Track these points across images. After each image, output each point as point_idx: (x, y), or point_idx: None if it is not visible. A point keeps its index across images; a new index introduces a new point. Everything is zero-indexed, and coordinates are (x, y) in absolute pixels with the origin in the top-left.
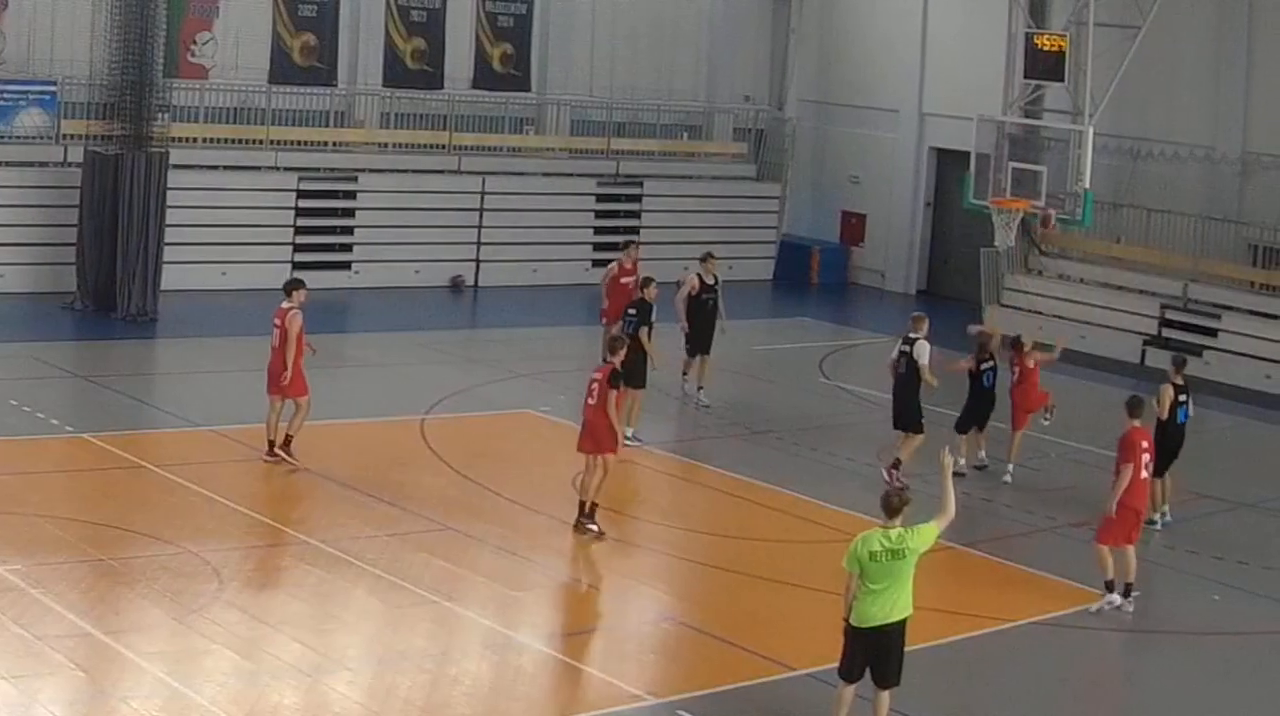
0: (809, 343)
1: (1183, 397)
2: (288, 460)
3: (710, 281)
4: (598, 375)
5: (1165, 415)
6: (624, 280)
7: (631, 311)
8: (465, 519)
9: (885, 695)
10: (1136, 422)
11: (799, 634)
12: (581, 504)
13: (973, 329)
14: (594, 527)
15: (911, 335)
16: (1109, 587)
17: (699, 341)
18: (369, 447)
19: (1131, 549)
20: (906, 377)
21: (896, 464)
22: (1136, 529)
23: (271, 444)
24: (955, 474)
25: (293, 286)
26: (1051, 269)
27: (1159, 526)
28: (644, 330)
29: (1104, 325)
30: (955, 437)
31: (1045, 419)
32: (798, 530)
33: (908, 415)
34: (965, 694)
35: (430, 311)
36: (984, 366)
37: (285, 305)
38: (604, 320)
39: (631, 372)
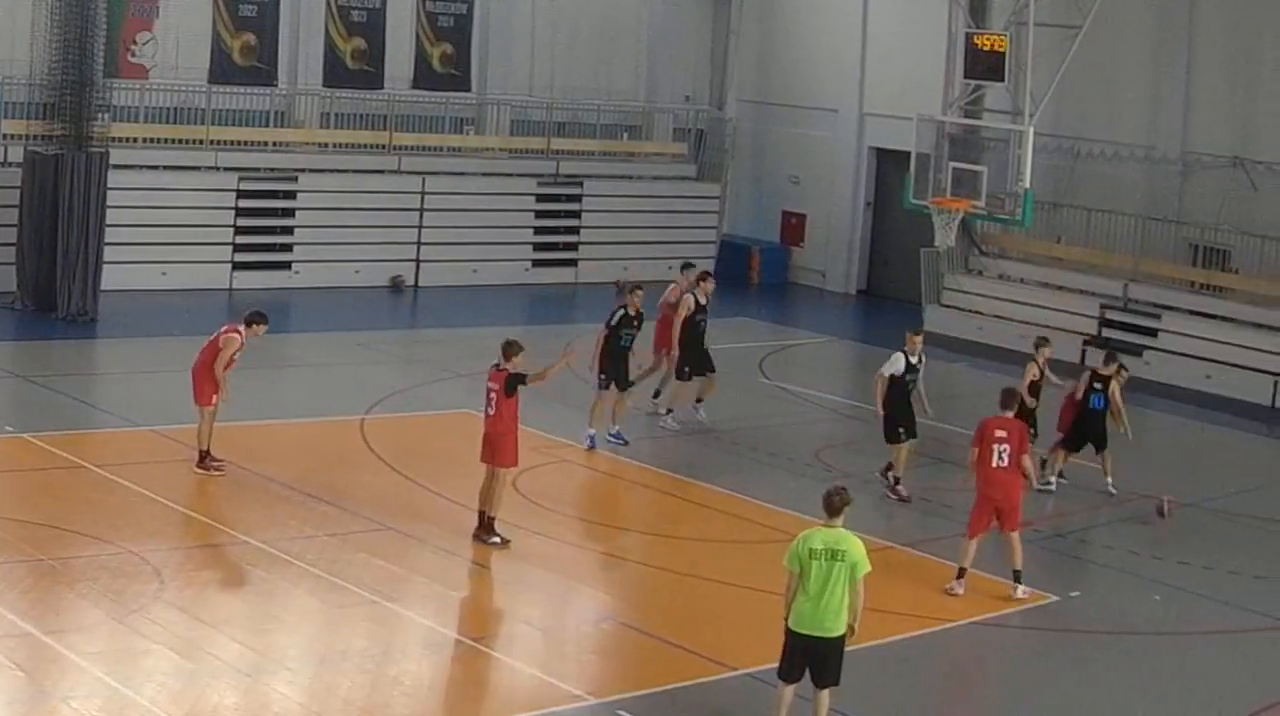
0: (749, 342)
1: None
2: (213, 470)
3: (703, 302)
4: (493, 384)
5: (1050, 394)
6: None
7: (636, 324)
8: (405, 519)
9: (825, 695)
10: (1001, 413)
11: (739, 633)
12: (480, 515)
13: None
14: (496, 540)
15: (913, 359)
16: (1016, 577)
17: (696, 362)
18: (309, 448)
19: (1015, 536)
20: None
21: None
22: (1005, 518)
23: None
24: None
25: (254, 319)
26: (992, 269)
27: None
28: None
29: (1044, 325)
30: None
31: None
32: (737, 530)
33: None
34: (906, 693)
35: (370, 311)
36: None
37: (241, 329)
38: (663, 351)
39: (619, 375)
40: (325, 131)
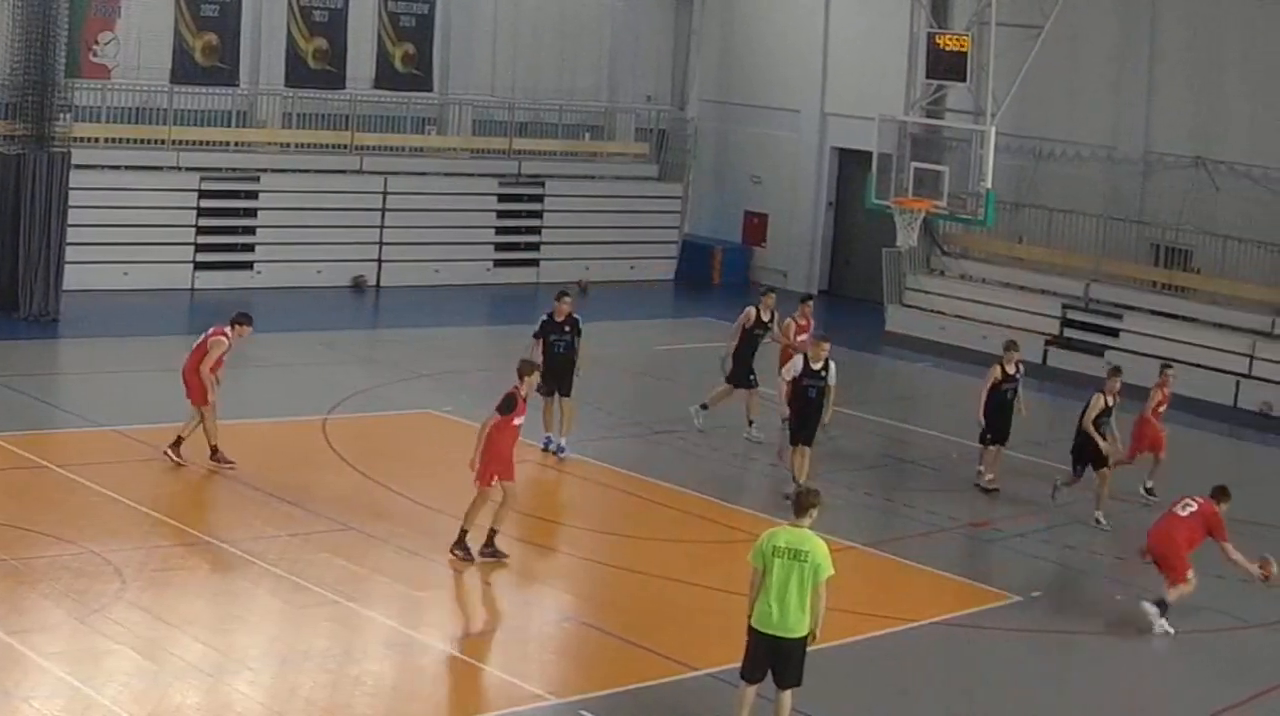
0: (711, 342)
1: (1008, 381)
2: (224, 464)
3: (766, 318)
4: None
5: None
6: (800, 338)
7: (566, 329)
8: (367, 519)
9: (787, 695)
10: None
11: (700, 633)
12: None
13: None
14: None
15: (814, 365)
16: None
17: (742, 376)
18: (271, 448)
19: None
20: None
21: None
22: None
23: (180, 440)
24: None
25: (239, 321)
26: (953, 269)
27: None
28: (578, 342)
29: (1006, 325)
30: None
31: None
32: (699, 530)
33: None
34: (868, 694)
35: (332, 311)
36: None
37: (228, 330)
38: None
39: (563, 382)
40: (287, 131)
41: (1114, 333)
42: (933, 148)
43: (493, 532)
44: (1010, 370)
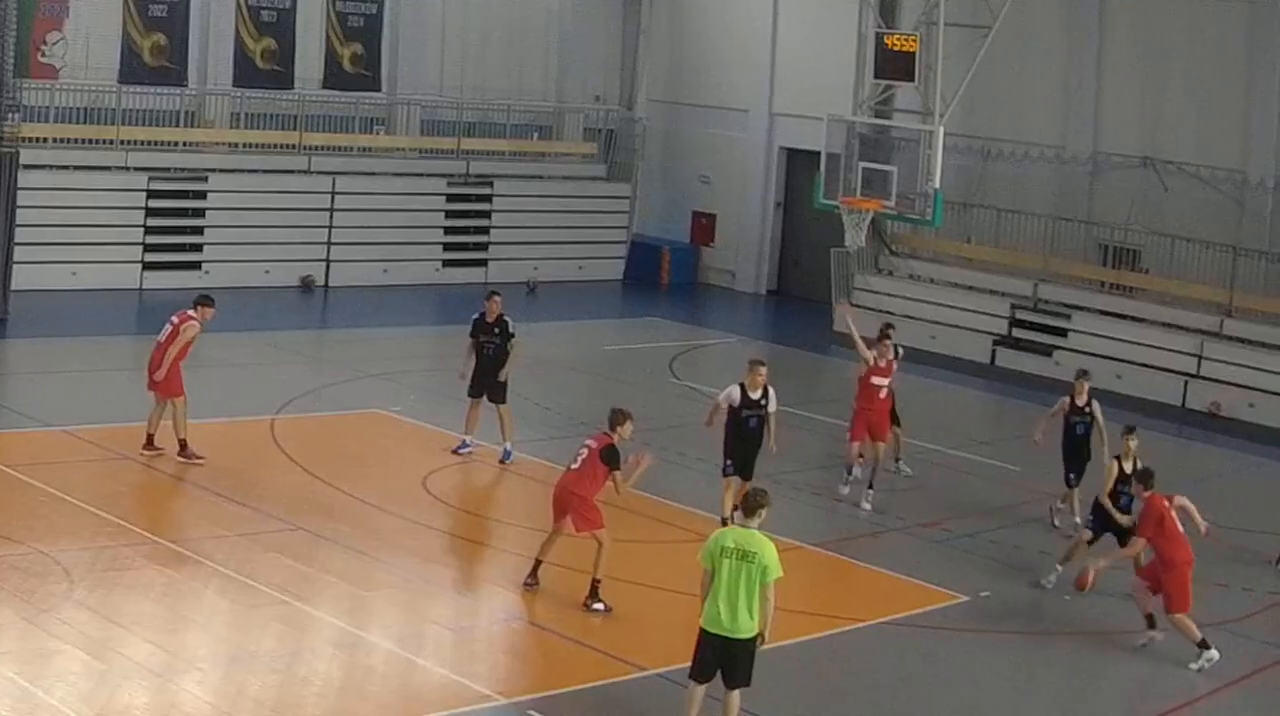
0: (659, 342)
1: (1077, 413)
2: (194, 460)
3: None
4: (592, 444)
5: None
6: (875, 381)
7: (496, 331)
8: (316, 519)
9: (735, 695)
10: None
11: (649, 634)
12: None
13: None
14: (600, 606)
15: (752, 394)
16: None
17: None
18: (220, 447)
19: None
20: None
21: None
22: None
23: (150, 438)
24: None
25: (202, 302)
26: (902, 269)
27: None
28: (510, 342)
29: (954, 325)
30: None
31: None
32: (647, 530)
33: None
34: (816, 694)
35: (281, 311)
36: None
37: (190, 313)
38: (852, 438)
39: (494, 388)
40: (235, 131)
41: (1062, 333)
42: (881, 148)
43: (595, 583)
44: (1080, 402)
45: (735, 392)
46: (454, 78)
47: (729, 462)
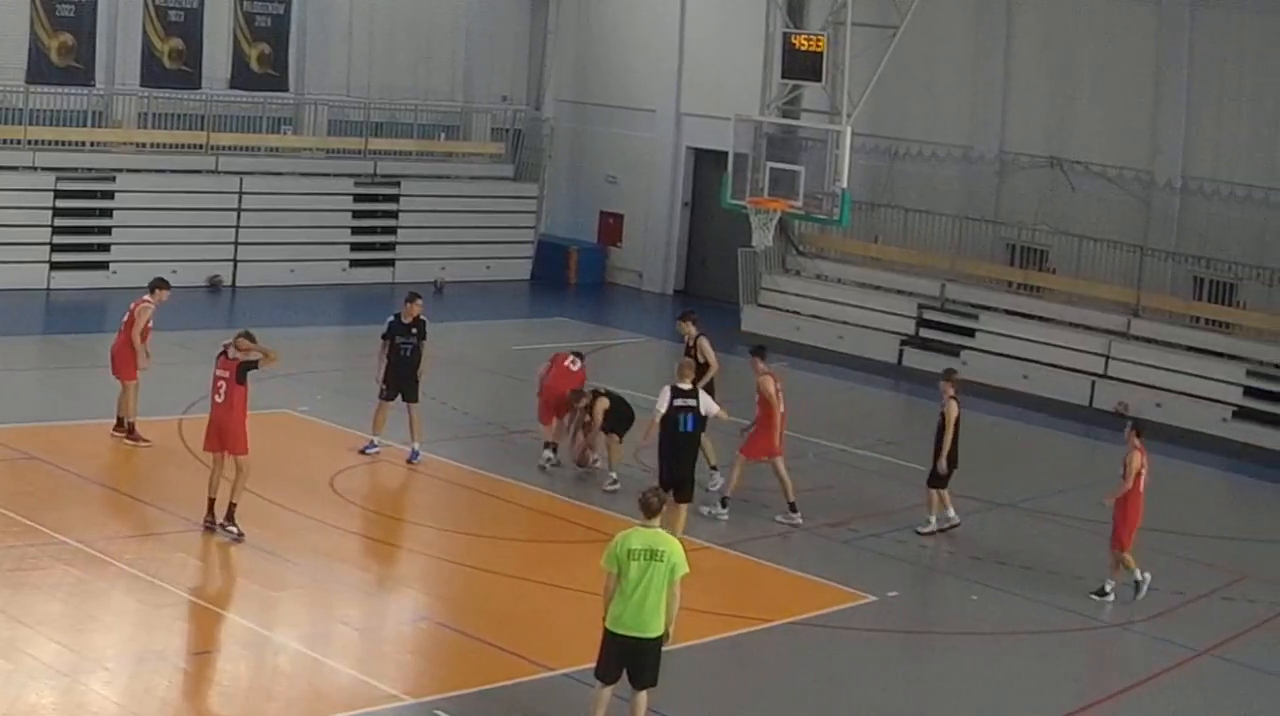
0: (566, 342)
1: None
2: (140, 443)
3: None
4: (224, 373)
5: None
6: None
7: (413, 331)
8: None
9: (642, 695)
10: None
11: (556, 634)
12: (213, 503)
13: None
14: (234, 530)
15: (682, 385)
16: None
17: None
18: (127, 448)
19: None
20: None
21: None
22: None
23: (125, 424)
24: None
25: (157, 284)
26: (809, 269)
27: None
28: (425, 346)
29: (862, 325)
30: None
31: None
32: (554, 530)
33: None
34: (724, 694)
35: (188, 311)
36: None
37: (149, 298)
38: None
39: (409, 387)
40: (143, 131)
41: (970, 332)
42: (788, 148)
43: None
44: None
45: (666, 393)
46: (361, 78)
47: (666, 480)
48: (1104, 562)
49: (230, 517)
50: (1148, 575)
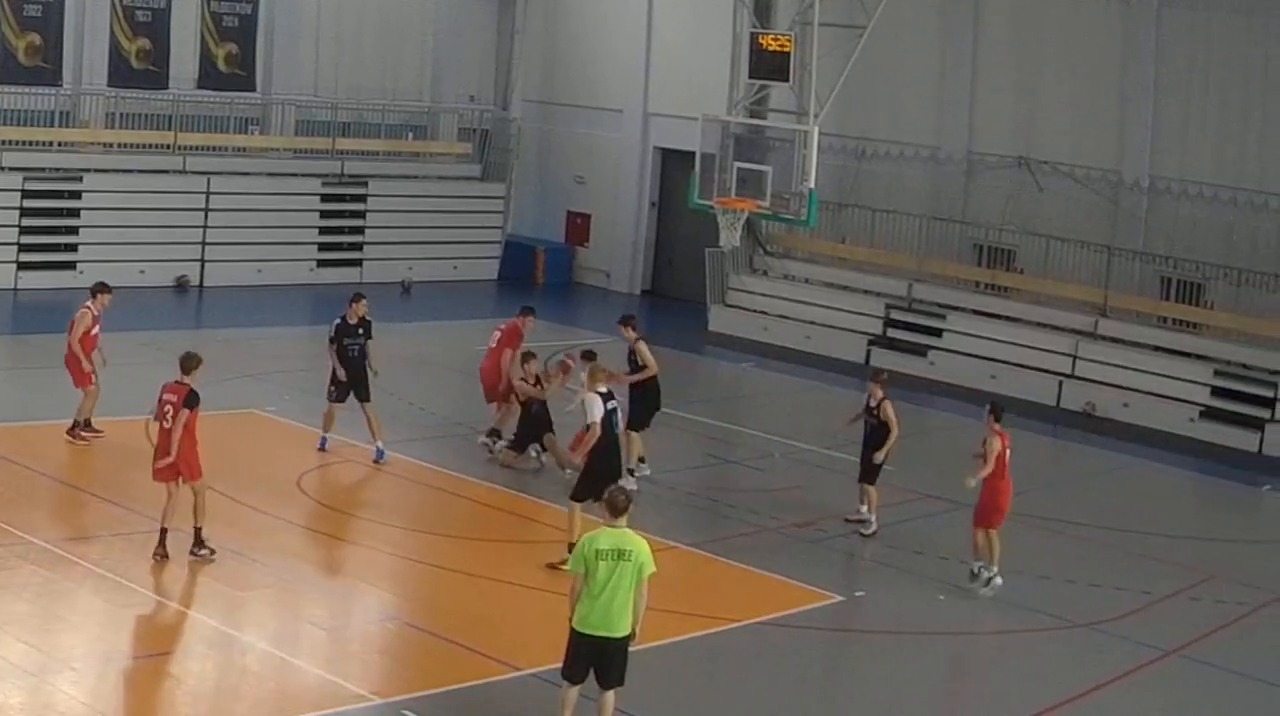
0: (533, 343)
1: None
2: (78, 441)
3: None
4: (171, 397)
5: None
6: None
7: (360, 332)
8: (190, 519)
9: (609, 695)
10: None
11: (523, 633)
12: (164, 532)
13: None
14: (205, 552)
15: (601, 390)
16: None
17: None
18: (93, 447)
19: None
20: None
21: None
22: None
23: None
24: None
25: (98, 289)
26: (777, 269)
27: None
28: (369, 344)
29: (829, 325)
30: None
31: None
32: (520, 529)
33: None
34: (691, 693)
35: (155, 311)
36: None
37: (90, 303)
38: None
39: (360, 387)
40: (110, 132)
41: (937, 332)
42: (756, 148)
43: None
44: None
45: (595, 400)
46: (329, 78)
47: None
48: (1070, 562)
49: (199, 541)
50: (999, 579)
